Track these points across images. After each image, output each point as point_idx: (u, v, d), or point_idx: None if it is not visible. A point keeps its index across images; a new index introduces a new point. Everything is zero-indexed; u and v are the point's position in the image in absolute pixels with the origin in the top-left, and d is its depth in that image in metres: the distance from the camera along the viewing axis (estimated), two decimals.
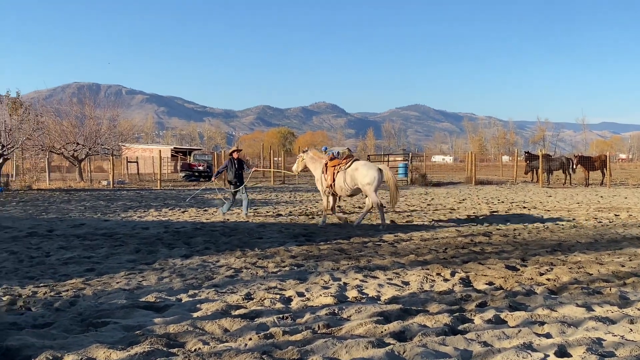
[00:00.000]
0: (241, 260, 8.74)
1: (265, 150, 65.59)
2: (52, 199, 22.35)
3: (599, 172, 34.81)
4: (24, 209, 17.66)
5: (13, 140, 29.07)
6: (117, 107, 44.19)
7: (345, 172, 13.50)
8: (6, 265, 8.40)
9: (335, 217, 14.36)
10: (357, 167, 13.42)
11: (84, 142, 37.20)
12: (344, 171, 13.52)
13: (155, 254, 9.42)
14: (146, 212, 16.69)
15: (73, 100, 45.90)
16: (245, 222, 14.18)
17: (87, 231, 12.22)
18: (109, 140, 39.03)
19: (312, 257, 9.10)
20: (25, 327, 5.24)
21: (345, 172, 13.50)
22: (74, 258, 8.94)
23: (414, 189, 29.62)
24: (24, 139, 30.55)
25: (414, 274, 7.67)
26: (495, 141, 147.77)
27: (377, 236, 11.55)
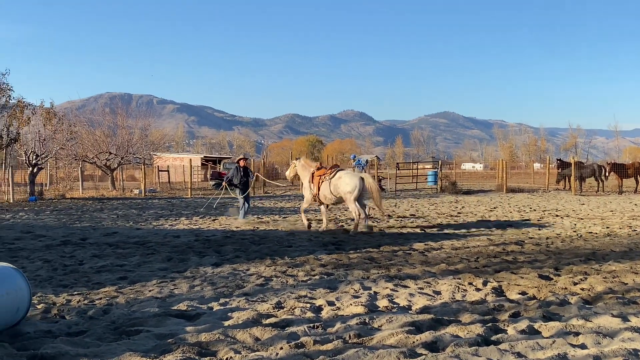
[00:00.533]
0: (271, 269, 8.76)
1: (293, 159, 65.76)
2: (85, 207, 22.67)
3: (632, 180, 34.18)
4: (57, 218, 17.94)
5: (47, 150, 29.58)
6: (149, 116, 44.71)
7: (330, 181, 13.92)
8: (40, 273, 8.53)
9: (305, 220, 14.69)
10: (341, 176, 13.85)
11: (116, 151, 37.69)
12: (329, 180, 13.95)
13: (187, 262, 9.49)
14: (177, 221, 16.84)
15: (105, 110, 46.56)
16: (274, 230, 14.22)
17: (119, 239, 12.37)
18: (141, 149, 39.49)
19: (342, 265, 9.09)
20: (60, 335, 5.31)
21: (329, 182, 13.92)
22: (107, 266, 9.05)
23: (444, 196, 29.39)
24: (57, 149, 31.07)
25: (446, 283, 7.60)
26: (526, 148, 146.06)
27: (407, 245, 11.48)
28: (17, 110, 27.64)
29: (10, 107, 27.21)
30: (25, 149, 29.10)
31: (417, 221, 16.41)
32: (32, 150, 28.82)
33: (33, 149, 28.88)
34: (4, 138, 27.39)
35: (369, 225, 14.09)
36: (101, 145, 37.77)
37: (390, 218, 17.34)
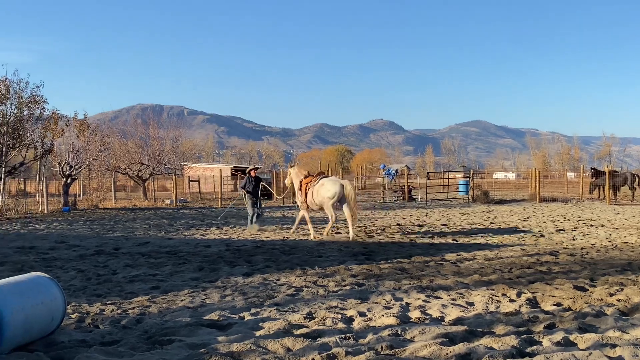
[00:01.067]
0: (302, 279, 8.76)
1: (322, 168, 65.92)
2: (118, 217, 22.97)
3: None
4: (91, 228, 18.20)
5: (80, 160, 30.08)
6: (180, 127, 45.25)
7: (314, 188, 14.81)
8: (74, 283, 8.65)
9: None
10: (323, 182, 14.75)
11: (148, 162, 38.18)
12: (313, 187, 14.85)
13: (218, 272, 9.54)
14: (208, 230, 16.96)
15: (137, 121, 47.23)
16: (304, 240, 14.23)
17: (151, 249, 12.50)
18: (172, 160, 39.94)
19: (372, 276, 9.05)
20: (94, 345, 5.38)
21: (313, 188, 14.81)
22: (140, 276, 9.15)
23: (475, 206, 29.13)
24: (90, 160, 31.61)
25: (479, 294, 7.51)
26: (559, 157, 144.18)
27: (439, 255, 11.40)
28: (51, 122, 28.20)
29: (45, 119, 27.75)
30: (59, 160, 29.62)
31: (449, 231, 16.27)
32: (65, 161, 29.33)
33: (67, 160, 29.39)
34: (39, 149, 27.92)
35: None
36: (133, 156, 38.29)
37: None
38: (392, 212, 25.12)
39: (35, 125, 27.10)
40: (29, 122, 26.41)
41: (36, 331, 5.30)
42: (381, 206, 30.04)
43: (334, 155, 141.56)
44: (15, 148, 26.21)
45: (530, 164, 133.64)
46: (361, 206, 29.60)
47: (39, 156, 28.56)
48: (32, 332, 5.23)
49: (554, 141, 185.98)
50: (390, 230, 16.55)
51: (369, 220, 20.63)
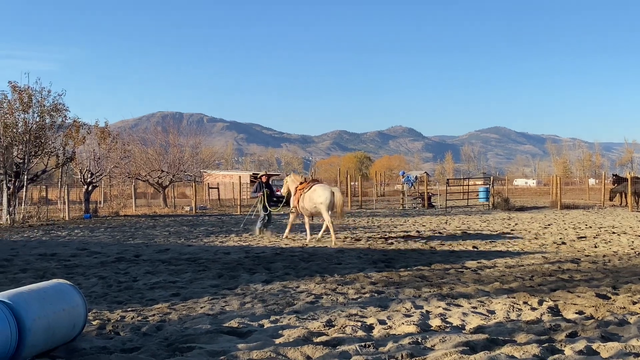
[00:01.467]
0: (321, 286, 8.75)
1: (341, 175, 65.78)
2: (138, 224, 23.14)
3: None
4: (111, 235, 18.35)
5: (101, 168, 30.39)
6: (199, 134, 45.50)
7: (305, 194, 15.63)
8: (96, 289, 8.72)
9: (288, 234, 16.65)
10: (315, 189, 15.58)
11: (168, 169, 38.41)
12: (305, 193, 15.68)
13: (237, 279, 9.57)
14: (227, 237, 17.02)
15: (157, 129, 47.53)
16: (323, 247, 14.22)
17: (171, 256, 12.57)
18: (192, 167, 40.14)
19: (392, 283, 9.02)
20: (115, 352, 5.41)
21: (305, 194, 15.65)
22: (160, 283, 9.20)
23: (496, 213, 28.94)
24: (111, 167, 31.93)
25: (500, 302, 7.45)
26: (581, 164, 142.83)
27: (459, 263, 11.33)
28: (72, 130, 28.46)
29: (66, 126, 27.99)
30: (80, 168, 29.96)
31: (469, 238, 16.19)
32: (87, 169, 29.65)
33: (88, 167, 29.72)
34: (60, 157, 28.20)
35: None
36: (153, 163, 38.54)
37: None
38: (412, 219, 25.03)
39: (57, 133, 27.34)
40: (51, 130, 26.67)
41: (58, 338, 5.34)
42: (400, 213, 29.95)
43: (352, 162, 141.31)
44: (38, 156, 26.48)
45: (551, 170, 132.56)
46: (381, 213, 29.52)
47: (61, 164, 28.85)
48: (54, 338, 5.27)
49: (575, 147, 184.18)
50: (410, 237, 16.47)
51: (387, 227, 20.58)
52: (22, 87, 25.24)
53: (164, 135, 43.40)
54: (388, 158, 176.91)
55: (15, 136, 24.95)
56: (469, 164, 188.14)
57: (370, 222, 23.51)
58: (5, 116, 24.84)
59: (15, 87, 25.07)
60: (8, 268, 10.95)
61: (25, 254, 13.13)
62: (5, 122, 24.69)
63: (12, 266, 11.20)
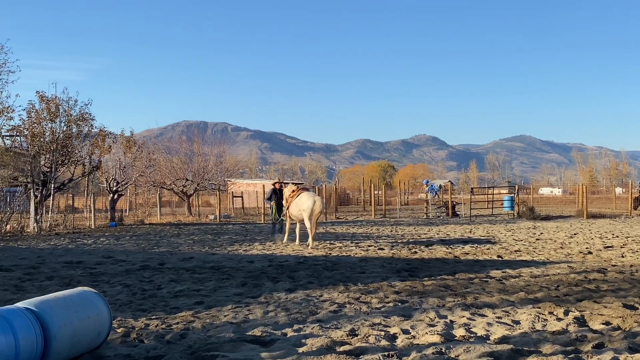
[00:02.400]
0: (344, 295, 8.72)
1: (365, 184, 65.67)
2: (163, 233, 23.30)
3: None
4: (136, 243, 18.50)
5: (127, 177, 30.69)
6: (223, 143, 45.70)
7: (294, 201, 16.99)
8: (120, 297, 8.79)
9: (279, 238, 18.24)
10: (301, 196, 16.92)
11: (193, 177, 38.66)
12: (293, 200, 17.04)
13: (261, 287, 9.58)
14: (251, 246, 17.07)
15: (182, 137, 47.94)
16: (347, 256, 14.20)
17: (196, 264, 12.63)
18: (216, 175, 40.36)
19: (416, 293, 8.96)
20: (139, 359, 5.44)
21: (293, 201, 17.00)
22: (184, 291, 9.24)
23: (521, 222, 28.65)
24: (137, 176, 32.23)
25: (525, 312, 7.36)
26: (607, 172, 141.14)
27: (484, 272, 11.23)
28: (98, 139, 28.79)
29: (93, 136, 28.34)
30: (106, 176, 30.30)
31: (494, 247, 16.04)
32: (112, 178, 29.98)
33: (114, 176, 30.05)
34: (87, 166, 28.55)
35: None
36: (178, 172, 38.82)
37: None
38: (436, 228, 24.89)
39: (84, 142, 27.71)
40: (78, 139, 27.05)
41: (83, 345, 5.39)
42: (424, 222, 29.79)
43: (376, 170, 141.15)
44: (64, 164, 26.87)
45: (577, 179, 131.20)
46: (405, 222, 29.39)
47: (87, 172, 29.21)
48: (79, 346, 5.32)
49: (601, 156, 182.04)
50: (433, 247, 16.39)
51: (412, 236, 20.48)
52: (49, 96, 25.66)
53: (188, 144, 43.73)
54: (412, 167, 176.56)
55: (43, 145, 25.34)
56: (494, 173, 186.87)
57: (394, 231, 23.41)
58: (33, 125, 25.25)
59: (42, 96, 25.48)
60: (35, 276, 11.09)
61: (52, 262, 13.28)
62: (33, 132, 25.11)
63: (38, 274, 11.34)
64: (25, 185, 25.75)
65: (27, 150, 25.47)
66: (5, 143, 25.90)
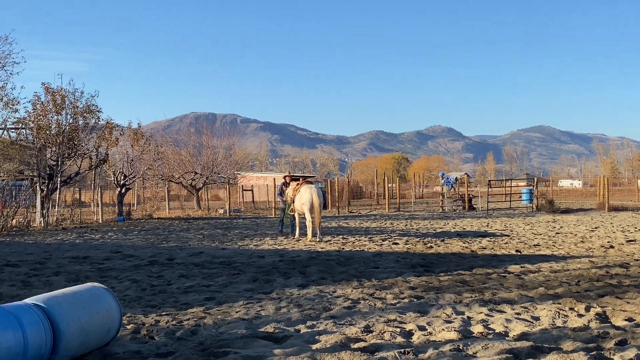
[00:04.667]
0: (358, 291, 8.74)
1: (378, 177, 65.50)
2: (172, 227, 23.41)
3: None
4: (145, 238, 18.60)
5: (134, 170, 30.79)
6: (233, 136, 45.89)
7: (297, 195, 17.51)
8: (129, 293, 8.85)
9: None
10: (300, 189, 17.48)
11: (202, 171, 38.81)
12: (296, 194, 17.55)
13: (272, 283, 9.61)
14: (262, 241, 17.11)
15: (191, 130, 48.04)
16: (360, 251, 14.20)
17: (205, 259, 12.69)
18: (225, 169, 40.50)
19: (432, 288, 8.96)
20: (149, 356, 5.49)
21: (296, 195, 17.53)
22: (194, 287, 9.29)
23: (540, 216, 28.53)
24: (144, 169, 32.34)
25: (545, 308, 7.35)
26: (629, 164, 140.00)
27: (502, 267, 11.20)
28: (105, 132, 28.86)
29: (99, 128, 28.46)
30: (113, 170, 30.41)
31: (512, 242, 16.00)
32: (120, 171, 30.10)
33: (121, 169, 30.16)
34: (94, 159, 28.72)
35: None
36: (187, 165, 38.99)
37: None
38: (452, 222, 24.84)
39: (90, 135, 27.85)
40: (84, 131, 27.21)
41: (93, 342, 5.43)
42: (440, 216, 29.74)
43: (390, 163, 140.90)
44: (71, 158, 27.03)
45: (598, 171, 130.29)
46: (420, 216, 29.33)
47: (94, 166, 29.40)
48: (88, 342, 5.36)
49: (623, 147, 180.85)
50: (449, 241, 16.37)
51: (427, 230, 20.46)
52: (55, 88, 25.81)
53: (197, 137, 43.86)
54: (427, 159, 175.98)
55: (49, 138, 25.51)
56: (512, 165, 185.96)
57: (409, 225, 23.39)
58: (39, 118, 25.41)
59: (48, 88, 25.64)
60: (41, 271, 11.18)
61: (59, 257, 13.39)
62: (39, 124, 25.27)
63: (45, 269, 11.44)
64: (31, 179, 25.96)
65: (32, 143, 25.65)
66: (11, 136, 26.11)
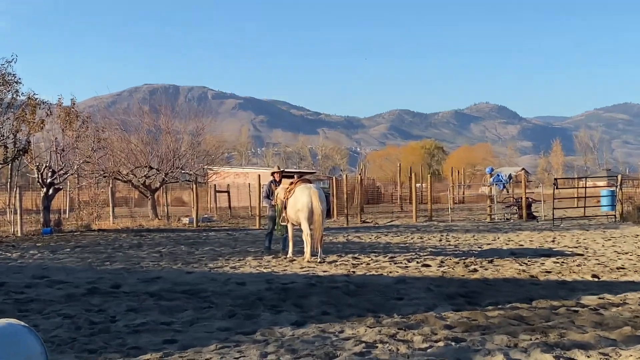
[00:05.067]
0: (374, 331, 8.73)
1: (402, 173, 65.10)
2: (118, 242, 23.42)
3: None
4: (80, 257, 18.59)
5: (67, 163, 30.45)
6: (202, 116, 45.79)
7: (289, 199, 17.28)
8: (59, 333, 8.82)
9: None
10: (295, 191, 17.14)
11: (159, 165, 38.72)
12: (289, 198, 17.29)
13: (256, 319, 9.62)
14: (242, 261, 17.12)
15: (144, 108, 47.79)
16: (377, 275, 14.21)
17: (164, 287, 12.68)
18: (191, 162, 40.40)
19: (476, 327, 8.96)
20: None
21: (289, 200, 17.29)
22: (148, 324, 9.29)
23: (626, 227, 28.51)
24: (80, 162, 32.02)
25: (632, 355, 7.36)
26: None
27: (573, 298, 11.20)
28: (27, 111, 28.11)
29: (18, 105, 27.94)
30: (37, 163, 29.97)
31: (587, 263, 16.00)
32: (46, 165, 29.77)
33: (48, 162, 29.84)
34: (10, 148, 28.01)
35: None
36: (138, 157, 38.86)
37: None
38: (504, 235, 24.85)
39: (6, 115, 27.58)
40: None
41: None
42: (487, 227, 29.76)
43: (418, 154, 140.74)
44: None
45: None
46: (459, 227, 29.30)
47: (11, 158, 29.02)
48: None
49: None
50: (501, 262, 16.38)
51: (469, 246, 20.46)
52: None
53: (152, 118, 43.62)
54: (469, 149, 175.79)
55: None
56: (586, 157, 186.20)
57: (444, 239, 23.40)
58: None
59: None
60: None
61: None
62: None
63: None
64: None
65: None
66: None
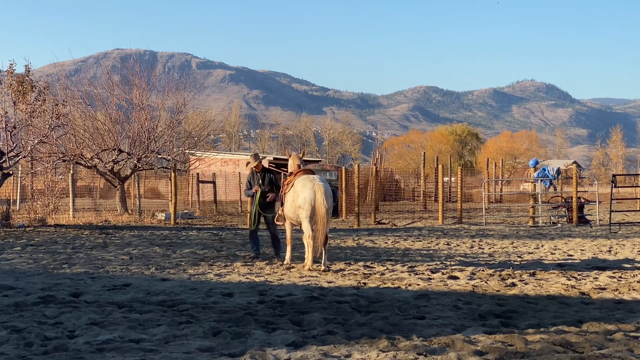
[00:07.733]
0: (389, 356, 8.75)
1: (427, 165, 64.92)
2: (79, 241, 23.43)
3: None
4: (33, 258, 18.63)
5: (18, 144, 30.49)
6: (184, 89, 45.61)
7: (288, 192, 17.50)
8: (6, 350, 8.82)
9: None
10: (294, 185, 17.17)
11: (130, 148, 38.66)
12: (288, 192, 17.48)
13: (245, 338, 9.64)
14: (229, 268, 17.15)
15: (113, 78, 47.44)
16: (394, 289, 14.22)
17: (134, 297, 12.71)
18: (170, 145, 40.33)
19: (513, 354, 8.96)
20: None
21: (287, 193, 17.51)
22: (114, 342, 9.30)
23: None
24: (35, 143, 32.01)
25: None
26: None
27: (631, 321, 11.19)
28: None
29: None
30: None
31: None
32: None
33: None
34: None
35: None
36: (105, 138, 38.79)
37: None
38: (549, 243, 24.83)
39: None
40: None
41: None
42: (530, 233, 29.74)
43: (446, 141, 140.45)
44: None
45: None
46: (496, 232, 29.30)
47: None
48: None
49: None
50: (544, 275, 16.38)
51: (507, 255, 20.46)
52: None
53: (123, 90, 43.40)
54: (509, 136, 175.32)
55: None
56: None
57: (476, 246, 23.40)
58: None
59: None
60: None
61: None
62: None
63: None
64: None
65: None
66: None
